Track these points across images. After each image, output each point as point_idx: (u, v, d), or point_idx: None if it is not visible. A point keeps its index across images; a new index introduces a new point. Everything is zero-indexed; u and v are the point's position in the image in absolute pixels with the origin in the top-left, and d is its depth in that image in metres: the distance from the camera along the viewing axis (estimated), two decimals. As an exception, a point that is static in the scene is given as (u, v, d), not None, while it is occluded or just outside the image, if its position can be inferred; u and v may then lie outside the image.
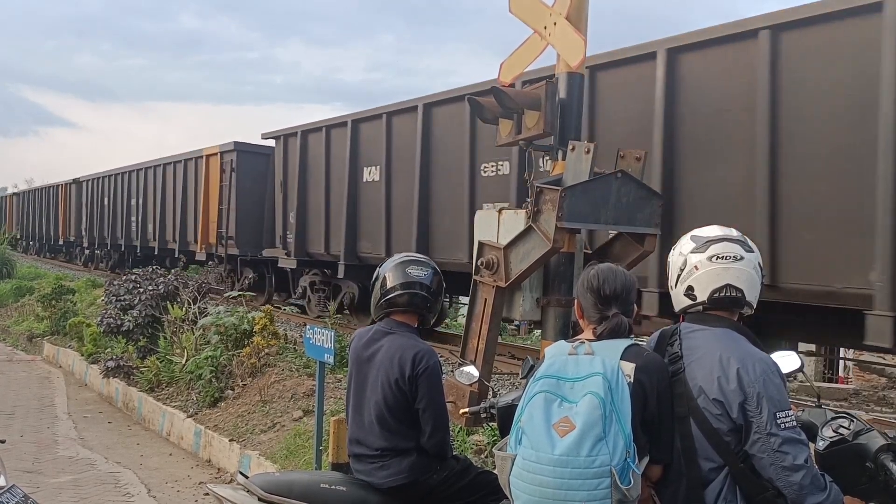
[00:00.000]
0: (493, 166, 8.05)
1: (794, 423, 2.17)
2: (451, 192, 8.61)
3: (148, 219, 18.79)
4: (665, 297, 3.45)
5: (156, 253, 18.42)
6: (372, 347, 3.00)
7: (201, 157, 15.78)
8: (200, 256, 15.72)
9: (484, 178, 8.14)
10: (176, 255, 17.17)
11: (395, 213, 9.59)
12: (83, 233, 23.98)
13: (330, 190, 11.03)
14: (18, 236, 31.30)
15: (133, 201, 19.74)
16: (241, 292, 10.42)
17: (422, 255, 3.19)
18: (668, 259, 2.46)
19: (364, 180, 10.24)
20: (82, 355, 10.96)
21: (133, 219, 19.65)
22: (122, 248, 20.71)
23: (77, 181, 25.10)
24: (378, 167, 9.91)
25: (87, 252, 24.20)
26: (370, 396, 2.96)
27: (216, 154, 15.04)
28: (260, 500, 2.81)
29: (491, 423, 3.23)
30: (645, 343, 2.46)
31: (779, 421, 2.13)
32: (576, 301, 2.46)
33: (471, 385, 3.53)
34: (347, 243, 10.40)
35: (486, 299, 4.52)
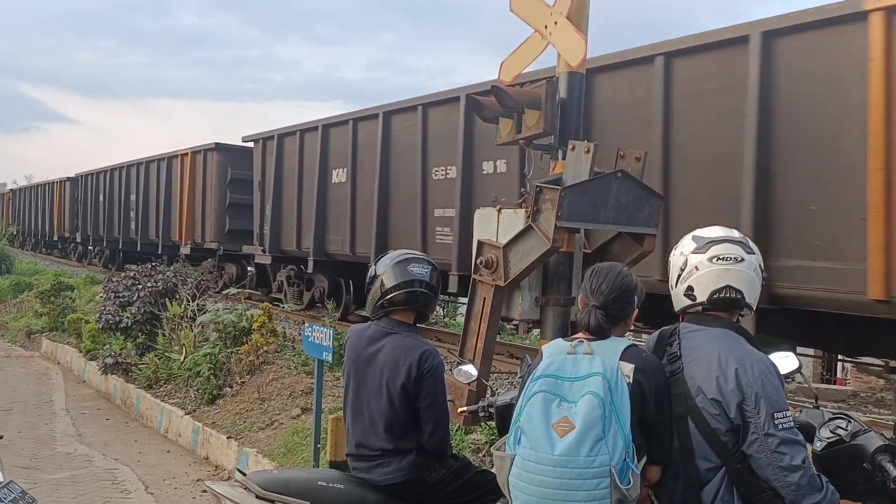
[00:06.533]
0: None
1: (792, 424, 2.17)
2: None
3: (53, 217, 28.42)
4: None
5: (55, 238, 28.85)
6: (373, 347, 2.97)
7: (53, 183, 28.13)
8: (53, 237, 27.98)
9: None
10: (55, 238, 28.95)
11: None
12: (17, 227, 35.65)
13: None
14: None
15: (44, 205, 30.05)
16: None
17: (419, 252, 3.17)
18: (670, 258, 2.46)
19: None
20: (81, 352, 10.94)
21: (44, 217, 29.96)
22: (36, 237, 31.97)
23: (13, 191, 38.13)
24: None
25: (19, 239, 35.45)
26: (372, 398, 2.93)
27: (60, 182, 27.22)
28: (257, 497, 2.80)
29: (489, 423, 3.23)
30: (644, 343, 2.46)
31: (776, 421, 2.13)
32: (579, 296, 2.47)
33: (469, 384, 3.53)
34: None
35: (484, 298, 4.52)
